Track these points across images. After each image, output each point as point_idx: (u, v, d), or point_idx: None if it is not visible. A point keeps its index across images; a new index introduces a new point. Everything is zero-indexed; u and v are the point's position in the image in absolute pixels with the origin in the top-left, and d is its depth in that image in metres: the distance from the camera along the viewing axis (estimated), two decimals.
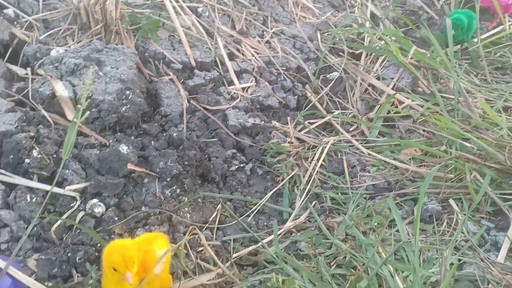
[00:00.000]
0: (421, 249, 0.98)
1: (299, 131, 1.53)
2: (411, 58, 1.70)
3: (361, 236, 1.03)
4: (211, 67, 1.67)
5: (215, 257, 0.97)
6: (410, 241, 0.92)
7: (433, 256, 0.98)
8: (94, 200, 1.18)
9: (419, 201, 0.97)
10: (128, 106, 1.40)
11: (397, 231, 1.07)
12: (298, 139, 1.49)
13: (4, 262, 0.93)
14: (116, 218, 1.14)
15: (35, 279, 0.99)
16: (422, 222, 1.12)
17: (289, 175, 1.33)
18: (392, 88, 1.65)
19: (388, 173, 1.32)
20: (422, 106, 1.57)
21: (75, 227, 1.13)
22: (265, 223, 1.22)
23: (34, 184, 1.19)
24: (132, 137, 1.39)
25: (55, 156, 1.26)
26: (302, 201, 1.26)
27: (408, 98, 1.60)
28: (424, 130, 1.48)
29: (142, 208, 1.19)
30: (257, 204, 1.25)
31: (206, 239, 1.13)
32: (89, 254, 1.04)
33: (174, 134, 1.38)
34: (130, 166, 1.24)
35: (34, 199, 1.16)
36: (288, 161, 1.38)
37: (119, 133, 1.38)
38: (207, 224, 1.19)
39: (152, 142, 1.38)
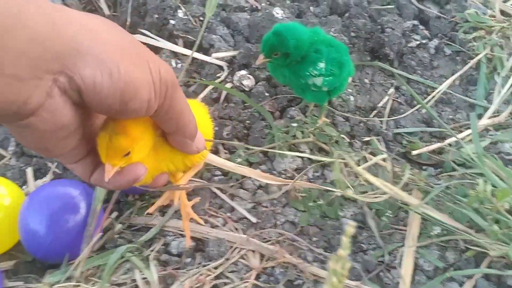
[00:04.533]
0: None
1: (505, 1, 1.22)
2: None
3: None
4: None
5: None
6: None
7: None
8: (243, 72, 1.08)
9: None
10: None
11: None
12: (504, 12, 1.19)
13: None
14: (266, 94, 1.04)
15: None
16: None
17: (487, 57, 1.08)
18: None
19: None
20: None
21: (221, 99, 1.05)
22: (451, 116, 1.01)
23: (179, 48, 1.13)
24: (288, 1, 1.23)
25: (202, 19, 1.17)
26: (505, 92, 1.01)
27: None
28: None
29: None
30: (438, 91, 1.03)
31: (373, 127, 0.98)
32: (236, 130, 0.97)
33: None
34: None
35: (179, 65, 1.10)
36: (488, 39, 1.10)
37: None
38: (374, 111, 1.02)
39: (311, 7, 1.20)
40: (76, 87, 0.34)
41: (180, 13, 1.16)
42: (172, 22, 1.15)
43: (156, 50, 1.15)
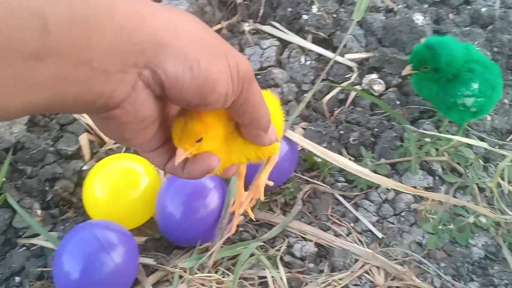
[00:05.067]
0: None
1: None
2: None
3: None
4: None
5: None
6: None
7: None
8: (373, 75, 1.07)
9: None
10: None
11: None
12: None
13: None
14: (397, 102, 1.02)
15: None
16: None
17: None
18: None
19: None
20: None
21: (348, 103, 1.05)
22: None
23: (311, 45, 1.13)
24: (425, 5, 1.18)
25: (335, 15, 1.16)
26: None
27: None
28: None
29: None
30: None
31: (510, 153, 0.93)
32: (364, 138, 0.96)
33: (483, 9, 1.13)
34: None
35: (308, 62, 1.11)
36: None
37: None
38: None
39: (451, 15, 1.15)
40: (159, 81, 0.35)
41: (314, 9, 1.15)
42: (304, 17, 1.15)
43: (284, 43, 1.16)
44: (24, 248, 0.87)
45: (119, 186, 0.85)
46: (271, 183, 0.64)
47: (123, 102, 0.35)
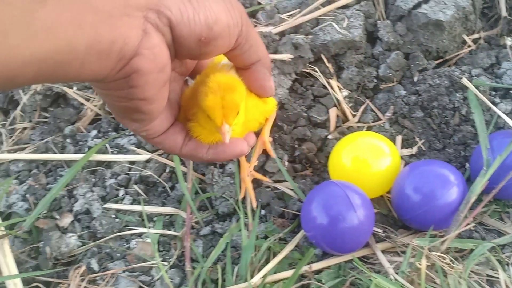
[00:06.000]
0: None
1: None
2: None
3: None
4: None
5: None
6: None
7: None
8: None
9: None
10: None
11: None
12: None
13: None
14: None
15: None
16: None
17: None
18: None
19: None
20: None
21: None
22: None
23: None
24: None
25: None
26: None
27: None
28: None
29: None
30: None
31: None
32: None
33: None
34: None
35: None
36: None
37: None
38: None
39: None
40: (167, 20, 0.36)
41: None
42: None
43: None
44: (269, 189, 1.03)
45: (365, 158, 0.94)
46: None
47: (139, 48, 0.35)
